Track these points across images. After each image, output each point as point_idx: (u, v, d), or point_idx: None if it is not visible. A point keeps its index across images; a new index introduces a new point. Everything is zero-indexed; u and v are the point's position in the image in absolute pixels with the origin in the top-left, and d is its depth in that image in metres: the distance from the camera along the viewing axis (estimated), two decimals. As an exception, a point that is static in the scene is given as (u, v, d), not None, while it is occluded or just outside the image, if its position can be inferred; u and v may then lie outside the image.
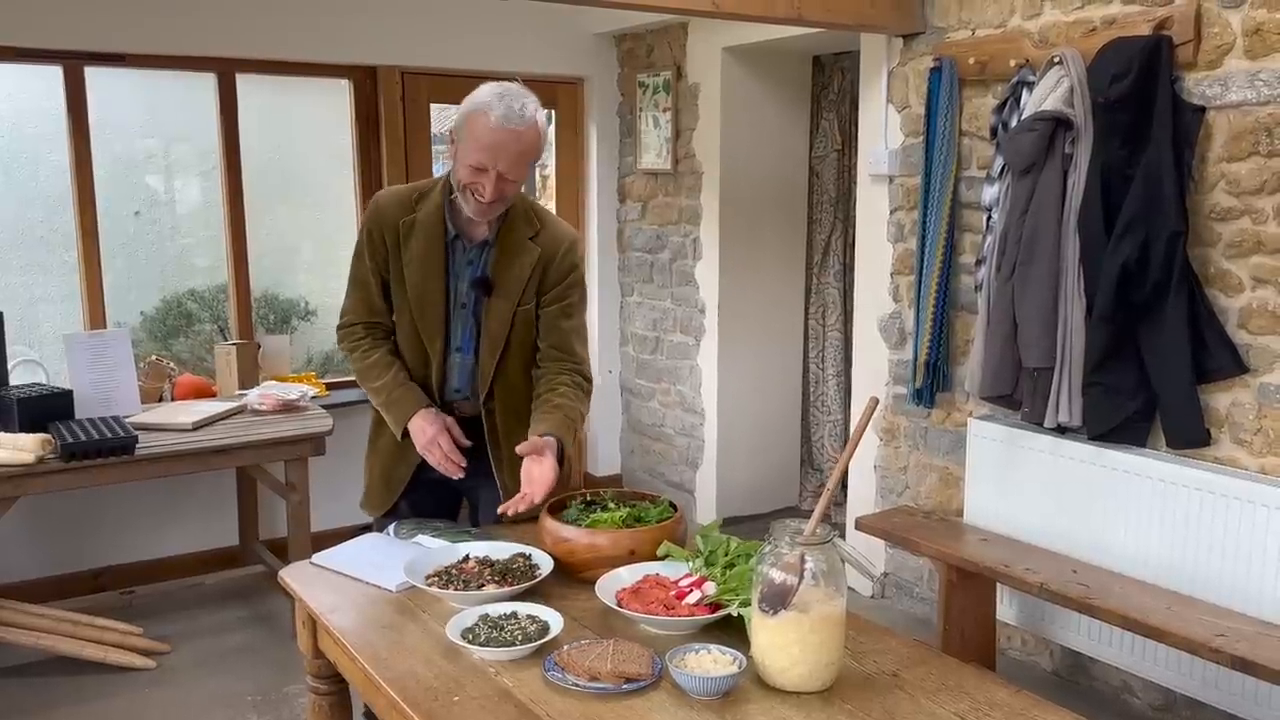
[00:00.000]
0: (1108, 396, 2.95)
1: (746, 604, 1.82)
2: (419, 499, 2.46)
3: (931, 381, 3.48)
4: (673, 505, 2.22)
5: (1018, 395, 3.14)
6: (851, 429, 4.76)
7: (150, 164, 4.49)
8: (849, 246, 4.74)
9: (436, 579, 2.01)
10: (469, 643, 1.77)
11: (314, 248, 4.93)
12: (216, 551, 4.27)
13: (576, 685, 1.65)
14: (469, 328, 2.39)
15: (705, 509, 4.79)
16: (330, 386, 4.46)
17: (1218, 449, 2.86)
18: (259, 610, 3.95)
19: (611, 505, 2.21)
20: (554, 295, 2.41)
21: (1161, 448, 2.96)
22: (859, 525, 3.35)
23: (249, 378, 4.13)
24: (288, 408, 3.81)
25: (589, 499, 2.26)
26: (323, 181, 4.81)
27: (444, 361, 2.39)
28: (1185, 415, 2.85)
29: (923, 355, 3.47)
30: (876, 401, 1.80)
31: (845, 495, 4.80)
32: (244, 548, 4.27)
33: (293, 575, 2.18)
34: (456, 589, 1.97)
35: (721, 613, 1.85)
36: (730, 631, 1.84)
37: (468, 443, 2.37)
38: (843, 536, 3.45)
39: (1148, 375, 2.91)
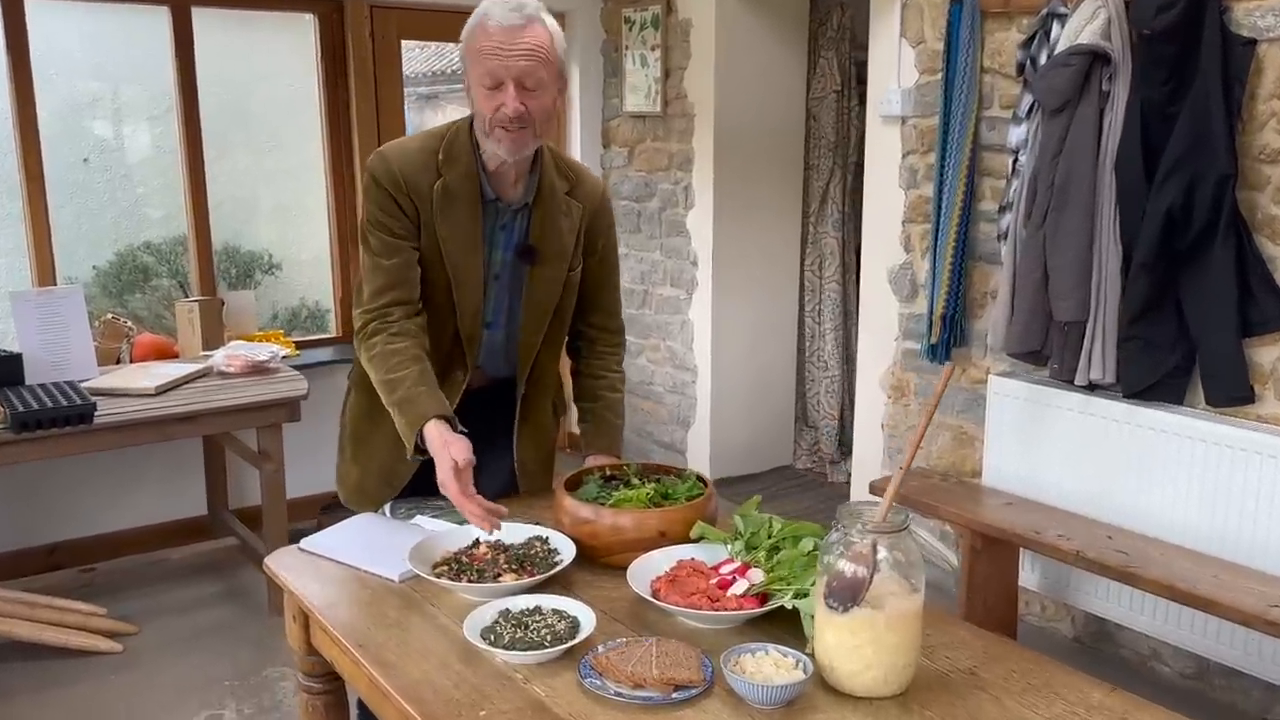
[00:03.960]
0: (1146, 351, 2.77)
1: (801, 595, 1.63)
2: (422, 483, 2.21)
3: (948, 336, 3.28)
4: (701, 480, 2.01)
5: (1046, 350, 2.96)
6: (851, 385, 4.58)
7: (98, 107, 4.16)
8: (847, 193, 4.53)
9: (446, 569, 1.79)
10: (491, 644, 1.56)
11: (277, 196, 4.63)
12: (183, 522, 4.01)
13: (619, 695, 1.45)
14: (502, 301, 2.13)
15: (697, 469, 4.60)
16: (300, 345, 4.20)
17: (1261, 407, 2.70)
18: (232, 585, 3.71)
19: (635, 481, 2.00)
20: (600, 254, 2.19)
21: (1200, 405, 2.79)
22: (873, 489, 3.18)
23: (213, 337, 3.85)
24: (257, 369, 3.55)
25: (609, 474, 2.04)
26: (286, 125, 4.50)
27: (478, 339, 2.13)
28: (1229, 371, 2.68)
29: (939, 308, 3.28)
30: (953, 368, 1.59)
31: (842, 454, 4.65)
32: (213, 518, 4.02)
33: (280, 564, 1.94)
34: (470, 580, 1.75)
35: (772, 604, 1.64)
36: (778, 624, 1.64)
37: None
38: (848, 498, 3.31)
39: (1187, 328, 2.74)
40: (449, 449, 1.87)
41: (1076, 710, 1.44)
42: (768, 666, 1.48)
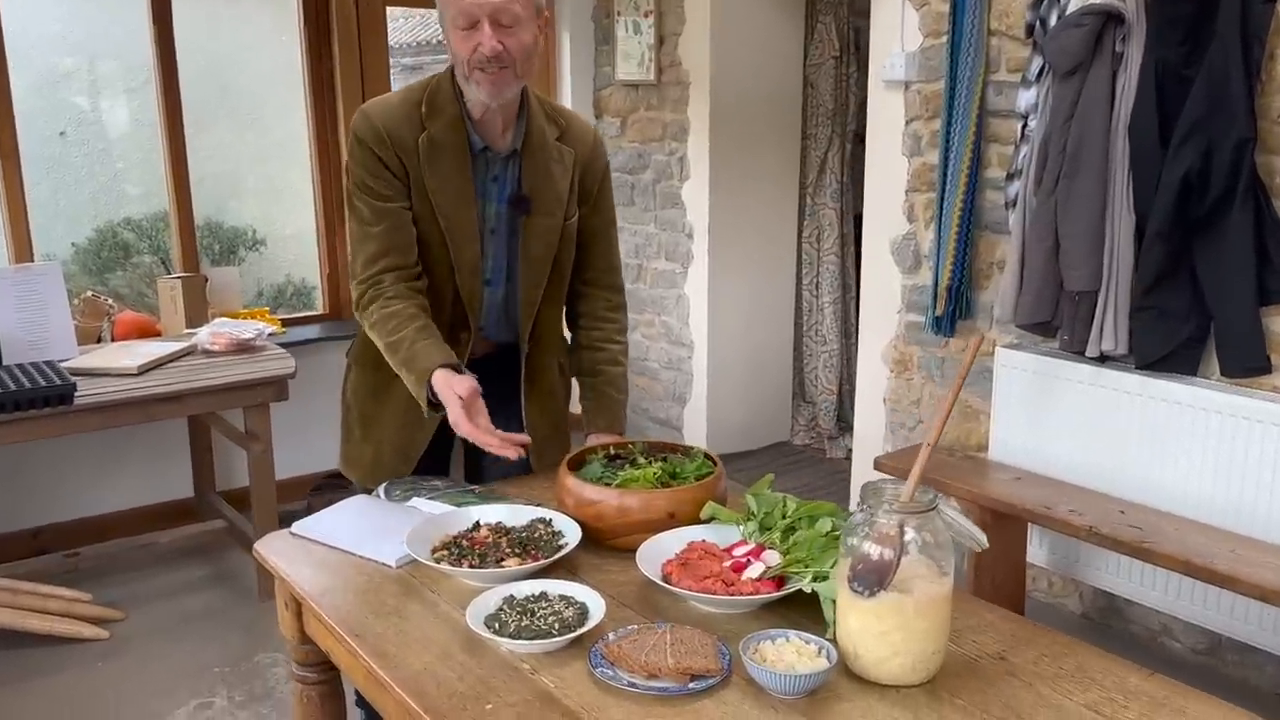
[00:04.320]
0: (1160, 321, 2.70)
1: (820, 578, 1.55)
2: (427, 459, 2.13)
3: (954, 308, 3.21)
4: (710, 458, 1.93)
5: (1056, 321, 2.88)
6: (850, 359, 4.51)
7: (75, 80, 4.03)
8: (846, 163, 4.43)
9: (445, 553, 1.71)
10: (495, 633, 1.48)
11: (260, 171, 4.51)
12: (169, 505, 3.91)
13: (633, 685, 1.37)
14: (500, 256, 2.05)
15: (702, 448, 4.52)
16: (287, 323, 4.10)
17: (1278, 377, 2.63)
18: (220, 569, 3.62)
19: (641, 460, 1.91)
20: (594, 202, 2.11)
21: (1214, 376, 2.72)
22: (878, 465, 3.10)
23: (197, 314, 3.75)
24: (243, 348, 3.44)
25: (613, 453, 1.96)
26: (269, 97, 4.37)
27: (479, 298, 2.05)
28: (1245, 340, 2.61)
29: (944, 280, 3.19)
30: (982, 339, 1.51)
31: (840, 430, 4.58)
32: (200, 500, 3.92)
33: (271, 549, 1.85)
34: (471, 564, 1.67)
35: (790, 588, 1.57)
36: (795, 609, 1.57)
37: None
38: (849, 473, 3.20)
39: (1202, 297, 2.66)
40: (453, 388, 1.82)
41: (1113, 696, 1.37)
42: (789, 654, 1.40)
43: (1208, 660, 2.92)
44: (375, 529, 1.85)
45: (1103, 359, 2.84)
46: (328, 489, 3.78)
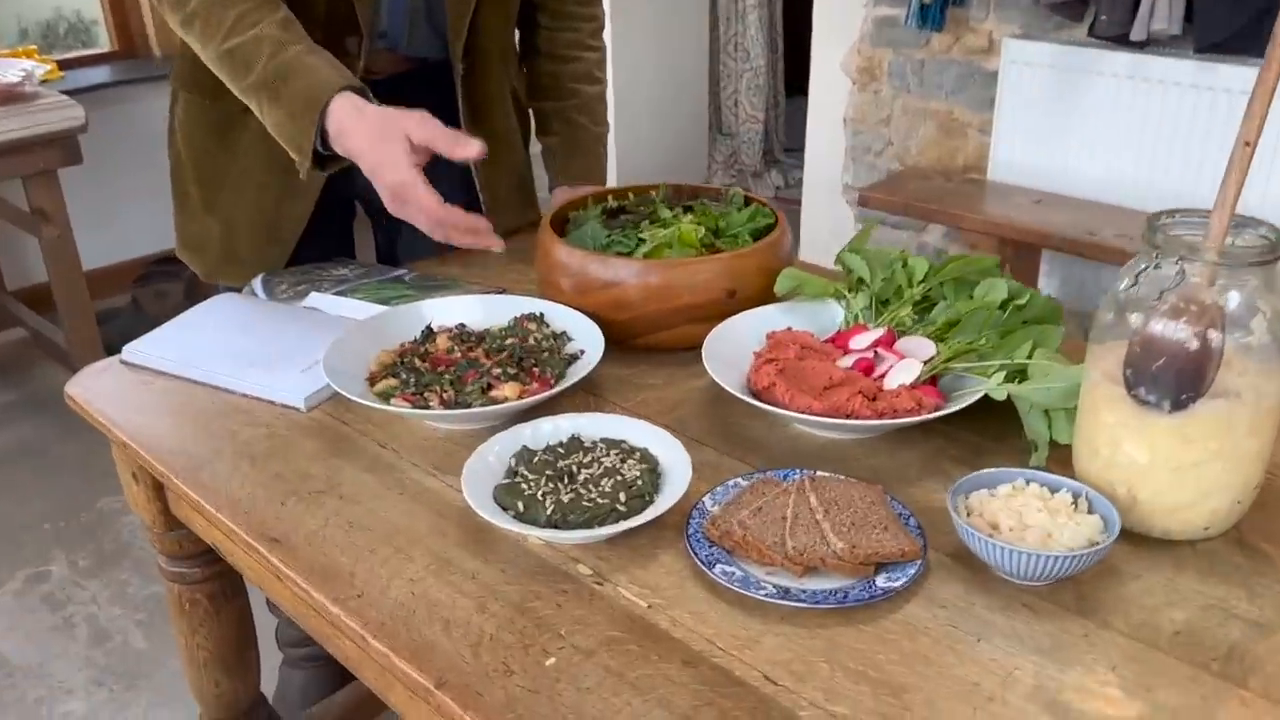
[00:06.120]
0: (1231, -12, 2.14)
1: (1017, 377, 0.99)
2: (307, 240, 1.41)
3: (946, -8, 2.57)
4: (762, 204, 1.30)
5: (1090, -1, 2.30)
6: (778, 78, 3.84)
7: None
8: None
9: (395, 382, 1.05)
10: (519, 518, 0.87)
11: None
12: (-53, 315, 3.05)
13: (786, 595, 0.80)
14: None
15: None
16: (65, 65, 3.12)
17: (1366, 54, 2.14)
18: (31, 391, 2.84)
19: (664, 212, 1.26)
20: None
21: (1284, 58, 2.22)
22: (866, 201, 2.54)
23: (-66, 58, 2.75)
24: (8, 96, 2.51)
25: (614, 205, 1.30)
26: None
27: None
28: (1337, 8, 2.09)
29: (937, -45, 2.53)
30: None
31: (766, 164, 3.99)
32: (-11, 306, 3.07)
33: (90, 390, 1.16)
34: (444, 400, 1.02)
35: (968, 396, 1.00)
36: (965, 426, 1.02)
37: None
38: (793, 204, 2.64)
39: (1282, -45, 2.11)
40: (399, 123, 1.11)
41: None
42: (1032, 513, 0.84)
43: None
44: (260, 348, 1.17)
45: (1144, 45, 2.29)
46: (157, 278, 2.98)
